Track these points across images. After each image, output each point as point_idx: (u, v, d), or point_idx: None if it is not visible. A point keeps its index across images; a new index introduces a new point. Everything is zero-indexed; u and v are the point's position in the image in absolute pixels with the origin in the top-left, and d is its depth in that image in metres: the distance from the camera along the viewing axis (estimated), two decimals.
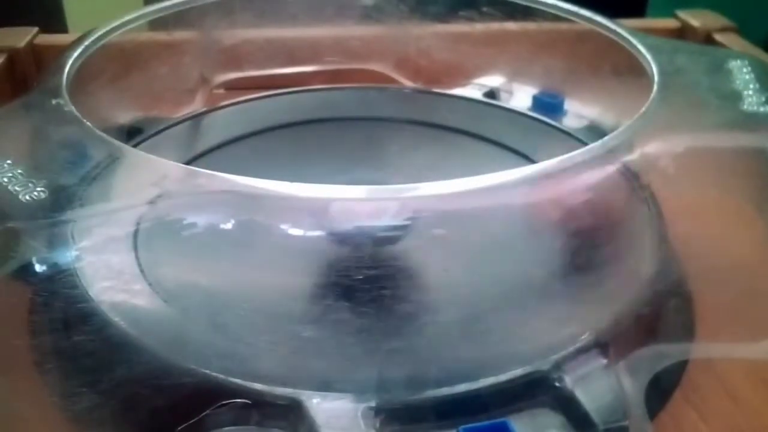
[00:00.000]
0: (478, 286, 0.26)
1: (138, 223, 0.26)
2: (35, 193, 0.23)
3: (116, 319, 0.25)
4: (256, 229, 0.23)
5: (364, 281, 0.24)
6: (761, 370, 0.28)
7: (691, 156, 0.26)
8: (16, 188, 0.23)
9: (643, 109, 0.26)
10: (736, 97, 0.28)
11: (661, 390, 0.26)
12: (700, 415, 0.26)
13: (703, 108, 0.28)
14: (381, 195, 0.23)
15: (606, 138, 0.24)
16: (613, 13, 0.36)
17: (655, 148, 0.25)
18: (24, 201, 0.23)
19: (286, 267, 0.25)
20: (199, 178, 0.23)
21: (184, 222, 0.23)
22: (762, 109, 0.28)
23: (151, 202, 0.23)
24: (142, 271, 0.27)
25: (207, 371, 0.23)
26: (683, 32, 0.49)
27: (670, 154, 0.26)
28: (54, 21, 0.70)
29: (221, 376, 0.23)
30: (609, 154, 0.24)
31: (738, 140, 0.28)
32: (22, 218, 0.22)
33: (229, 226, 0.23)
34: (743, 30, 0.48)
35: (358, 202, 0.23)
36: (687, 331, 0.29)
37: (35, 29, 0.47)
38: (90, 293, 0.25)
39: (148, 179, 0.23)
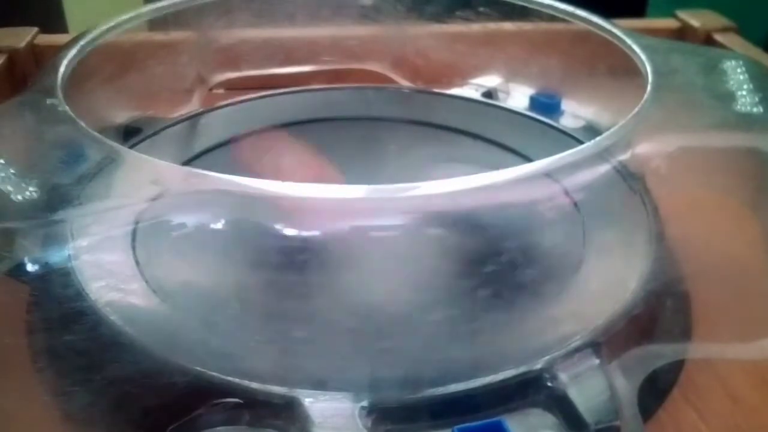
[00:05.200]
0: (472, 285, 0.26)
1: (134, 223, 0.26)
2: (27, 192, 0.23)
3: (112, 317, 0.25)
4: (250, 229, 0.24)
5: (357, 281, 0.24)
6: (761, 370, 0.28)
7: (685, 156, 0.26)
8: (9, 188, 0.23)
9: (637, 108, 0.26)
10: (730, 97, 0.28)
11: (658, 389, 0.26)
12: (699, 414, 0.26)
13: (697, 108, 0.28)
14: (378, 195, 0.23)
15: (599, 137, 0.24)
16: (613, 13, 0.36)
17: (648, 148, 0.25)
18: (16, 201, 0.23)
19: (280, 266, 0.25)
20: (193, 178, 0.23)
21: (176, 222, 0.23)
22: (755, 109, 0.28)
23: (148, 202, 0.23)
24: (138, 269, 0.28)
25: (201, 369, 0.23)
26: (683, 32, 0.49)
27: (663, 154, 0.26)
28: (54, 21, 0.70)
29: (215, 375, 0.23)
30: (602, 154, 0.24)
31: (731, 140, 0.28)
32: (14, 218, 0.22)
33: (223, 225, 0.23)
34: (743, 30, 0.48)
35: (352, 201, 0.23)
36: (682, 331, 0.29)
37: (35, 29, 0.47)
38: (86, 291, 0.25)
39: (142, 179, 0.24)
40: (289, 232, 0.23)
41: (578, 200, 0.28)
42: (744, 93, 0.28)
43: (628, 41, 0.32)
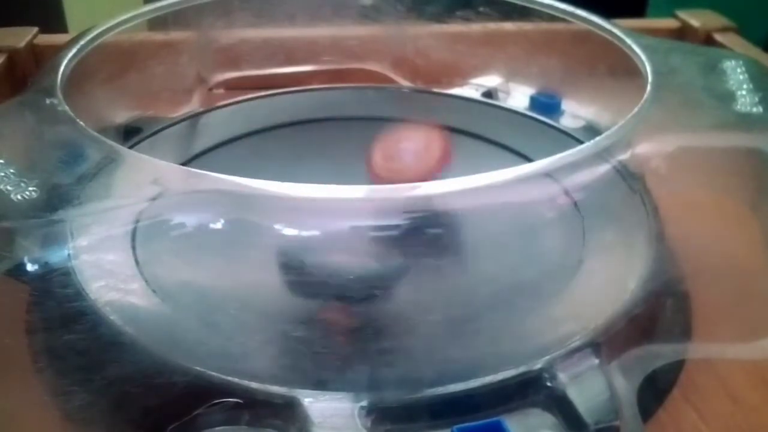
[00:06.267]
0: (472, 285, 0.27)
1: (134, 222, 0.26)
2: (27, 192, 0.23)
3: (112, 317, 0.25)
4: (250, 229, 0.23)
5: (357, 281, 0.24)
6: (761, 370, 0.28)
7: (684, 155, 0.26)
8: (8, 187, 0.23)
9: (637, 108, 0.26)
10: (730, 97, 0.28)
11: (658, 389, 0.26)
12: (699, 415, 0.26)
13: (697, 108, 0.28)
14: (378, 195, 0.23)
15: (599, 137, 0.24)
16: (613, 13, 0.36)
17: (648, 148, 0.25)
18: (16, 200, 0.23)
19: (279, 266, 0.25)
20: (193, 178, 0.23)
21: (175, 222, 0.23)
22: (755, 109, 0.28)
23: (148, 202, 0.23)
24: (138, 269, 0.28)
25: (201, 369, 0.23)
26: (683, 32, 0.49)
27: (663, 154, 0.26)
28: (54, 21, 0.70)
29: (215, 375, 0.23)
30: (602, 154, 0.24)
31: (731, 140, 0.28)
32: (13, 217, 0.22)
33: (222, 225, 0.23)
34: (743, 30, 0.48)
35: (352, 201, 0.23)
36: (682, 331, 0.29)
37: (35, 29, 0.47)
38: (86, 291, 0.25)
39: (142, 179, 0.24)
40: (289, 232, 0.23)
41: (578, 200, 0.28)
42: (744, 93, 0.28)
43: (628, 41, 0.32)
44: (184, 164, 0.35)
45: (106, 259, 0.27)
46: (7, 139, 0.26)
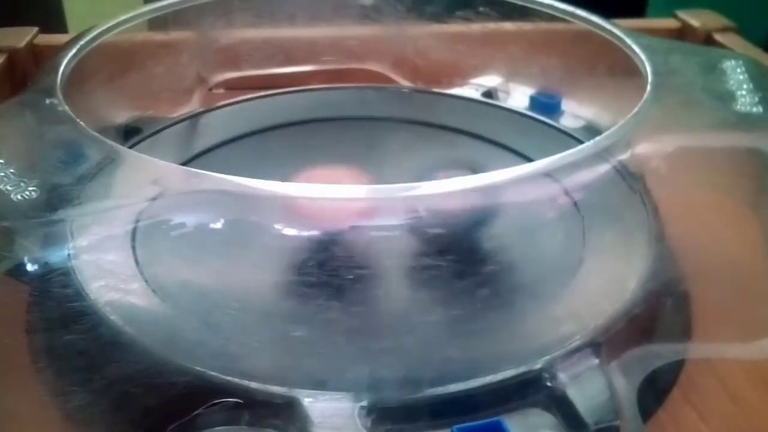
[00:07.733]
0: (472, 285, 0.26)
1: (134, 222, 0.26)
2: (27, 192, 0.23)
3: (112, 317, 0.25)
4: (249, 229, 0.24)
5: (356, 280, 0.24)
6: (761, 370, 0.28)
7: (684, 155, 0.26)
8: (8, 187, 0.23)
9: (636, 108, 0.26)
10: (730, 97, 0.28)
11: (658, 389, 0.26)
12: (699, 414, 0.26)
13: (697, 108, 0.28)
14: (378, 195, 0.23)
15: (599, 137, 0.24)
16: (613, 13, 0.36)
17: (648, 148, 0.25)
18: (15, 200, 0.23)
19: (279, 266, 0.26)
20: (193, 178, 0.23)
21: (175, 222, 0.23)
22: (755, 109, 0.28)
23: (148, 201, 0.23)
24: (138, 269, 0.28)
25: (201, 369, 0.23)
26: (683, 32, 0.49)
27: (663, 154, 0.26)
28: (54, 21, 0.70)
29: (215, 375, 0.23)
30: (602, 154, 0.24)
31: (731, 140, 0.28)
32: (13, 217, 0.22)
33: (222, 225, 0.23)
34: (743, 30, 0.48)
35: (352, 202, 0.23)
36: (682, 331, 0.29)
37: (35, 29, 0.47)
38: (86, 291, 0.25)
39: (142, 179, 0.24)
40: (289, 232, 0.23)
41: (578, 200, 0.28)
42: (744, 93, 0.28)
43: (628, 41, 0.32)
44: (184, 164, 0.35)
45: (106, 259, 0.27)
46: (7, 139, 0.26)
